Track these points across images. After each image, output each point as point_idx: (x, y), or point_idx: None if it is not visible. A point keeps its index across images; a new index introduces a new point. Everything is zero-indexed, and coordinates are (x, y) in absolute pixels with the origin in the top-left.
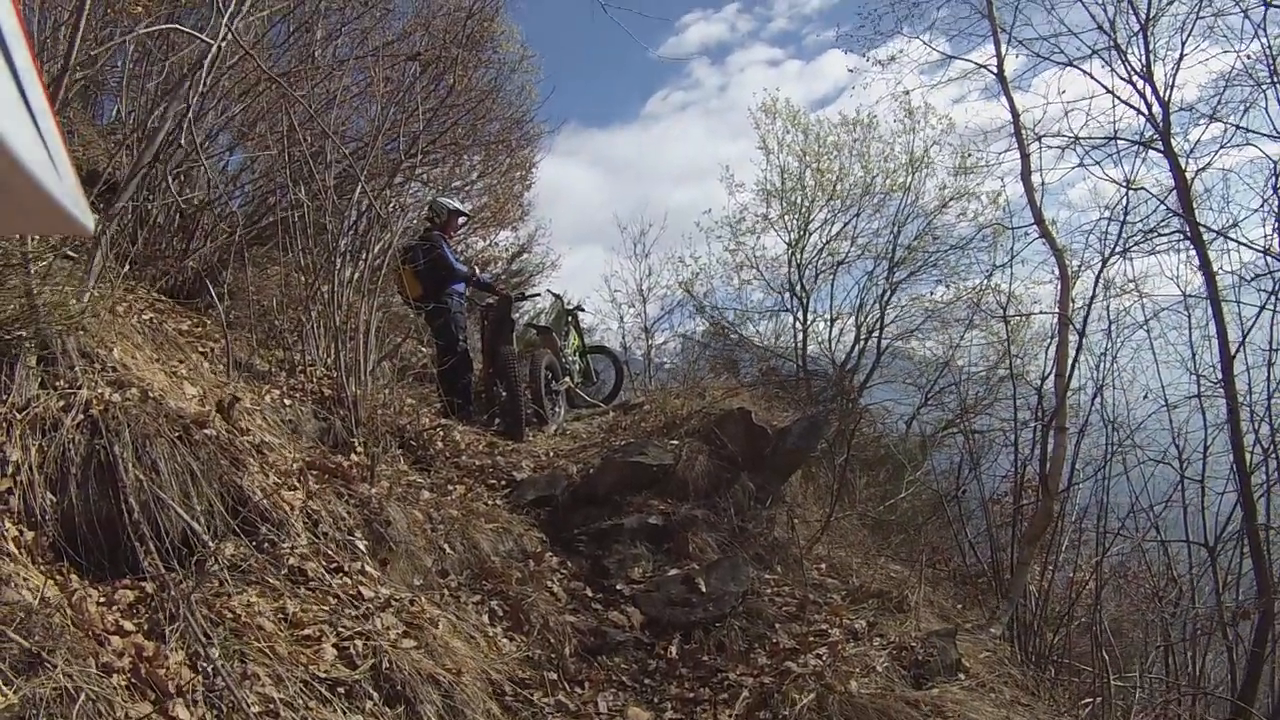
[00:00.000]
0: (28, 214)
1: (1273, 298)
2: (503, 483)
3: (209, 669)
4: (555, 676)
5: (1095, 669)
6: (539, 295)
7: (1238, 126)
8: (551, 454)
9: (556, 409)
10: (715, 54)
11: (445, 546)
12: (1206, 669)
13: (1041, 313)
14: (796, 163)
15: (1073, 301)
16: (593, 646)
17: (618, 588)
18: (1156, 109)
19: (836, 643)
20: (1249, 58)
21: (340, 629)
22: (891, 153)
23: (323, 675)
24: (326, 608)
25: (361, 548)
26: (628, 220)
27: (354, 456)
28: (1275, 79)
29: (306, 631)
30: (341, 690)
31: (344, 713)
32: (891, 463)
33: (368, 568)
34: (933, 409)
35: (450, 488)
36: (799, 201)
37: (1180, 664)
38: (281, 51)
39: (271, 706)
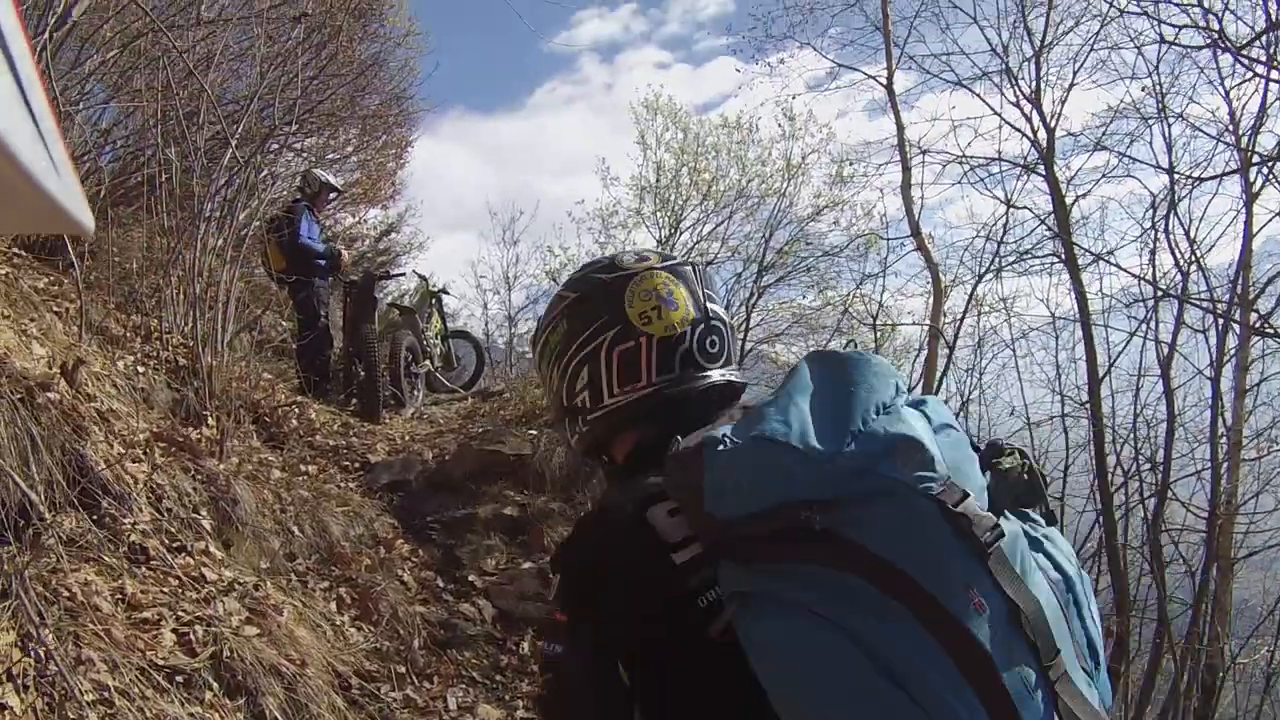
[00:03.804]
0: (26, 213)
1: (1143, 325)
2: (356, 465)
3: (41, 652)
4: (403, 670)
5: None
6: (403, 274)
7: (1123, 155)
8: (407, 438)
9: (415, 392)
10: (606, 51)
11: (294, 529)
12: None
13: (913, 324)
14: (674, 160)
15: (944, 315)
16: (443, 639)
17: (470, 579)
18: (1042, 135)
19: None
20: (1141, 90)
21: (180, 613)
22: (769, 157)
23: (160, 662)
24: (167, 590)
25: (206, 527)
26: (501, 208)
27: (205, 430)
28: (1163, 115)
29: (145, 614)
30: (180, 679)
31: (182, 703)
32: None
33: (212, 548)
34: None
35: (303, 468)
36: (672, 199)
37: None
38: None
39: (106, 694)
